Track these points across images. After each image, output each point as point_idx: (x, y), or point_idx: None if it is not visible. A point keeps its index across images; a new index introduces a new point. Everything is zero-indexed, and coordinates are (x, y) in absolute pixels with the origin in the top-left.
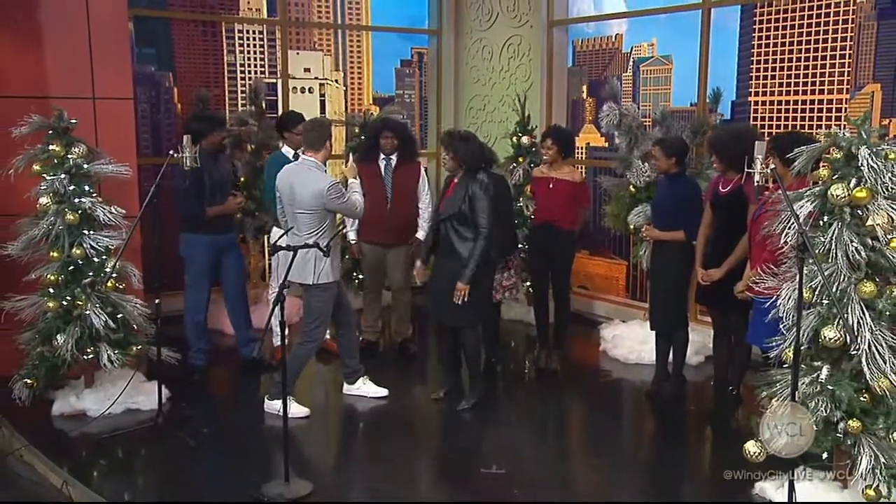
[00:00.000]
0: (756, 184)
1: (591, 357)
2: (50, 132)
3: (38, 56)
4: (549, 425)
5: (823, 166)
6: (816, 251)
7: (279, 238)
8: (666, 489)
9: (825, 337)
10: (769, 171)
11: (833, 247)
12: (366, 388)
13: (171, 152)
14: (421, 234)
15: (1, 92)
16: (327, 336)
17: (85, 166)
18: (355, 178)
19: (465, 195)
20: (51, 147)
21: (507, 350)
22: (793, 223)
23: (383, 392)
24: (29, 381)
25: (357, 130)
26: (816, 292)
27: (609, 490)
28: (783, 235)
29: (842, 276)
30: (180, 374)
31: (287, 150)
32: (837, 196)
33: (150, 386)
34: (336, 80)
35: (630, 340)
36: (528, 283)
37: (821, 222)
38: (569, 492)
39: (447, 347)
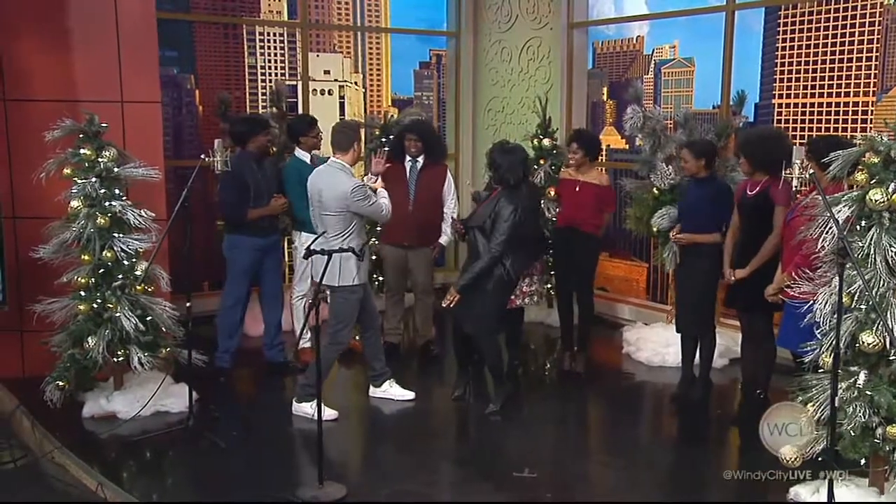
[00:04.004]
0: (793, 188)
1: (613, 360)
2: (81, 136)
3: (67, 60)
4: (575, 428)
5: (860, 171)
6: (855, 256)
7: (313, 242)
8: (695, 492)
9: (864, 342)
10: (808, 175)
11: (872, 252)
12: (392, 391)
13: (202, 156)
14: (444, 240)
15: (31, 96)
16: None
17: (115, 170)
18: (375, 188)
19: (492, 210)
20: (82, 151)
21: (526, 352)
22: (831, 227)
23: (410, 395)
24: (60, 384)
25: (377, 132)
26: (855, 297)
27: (637, 493)
28: (820, 240)
29: (881, 281)
30: (208, 376)
31: (303, 155)
32: (876, 201)
33: (178, 388)
34: (355, 83)
35: (653, 343)
36: (550, 286)
37: (858, 227)
38: (598, 495)
39: (458, 347)
